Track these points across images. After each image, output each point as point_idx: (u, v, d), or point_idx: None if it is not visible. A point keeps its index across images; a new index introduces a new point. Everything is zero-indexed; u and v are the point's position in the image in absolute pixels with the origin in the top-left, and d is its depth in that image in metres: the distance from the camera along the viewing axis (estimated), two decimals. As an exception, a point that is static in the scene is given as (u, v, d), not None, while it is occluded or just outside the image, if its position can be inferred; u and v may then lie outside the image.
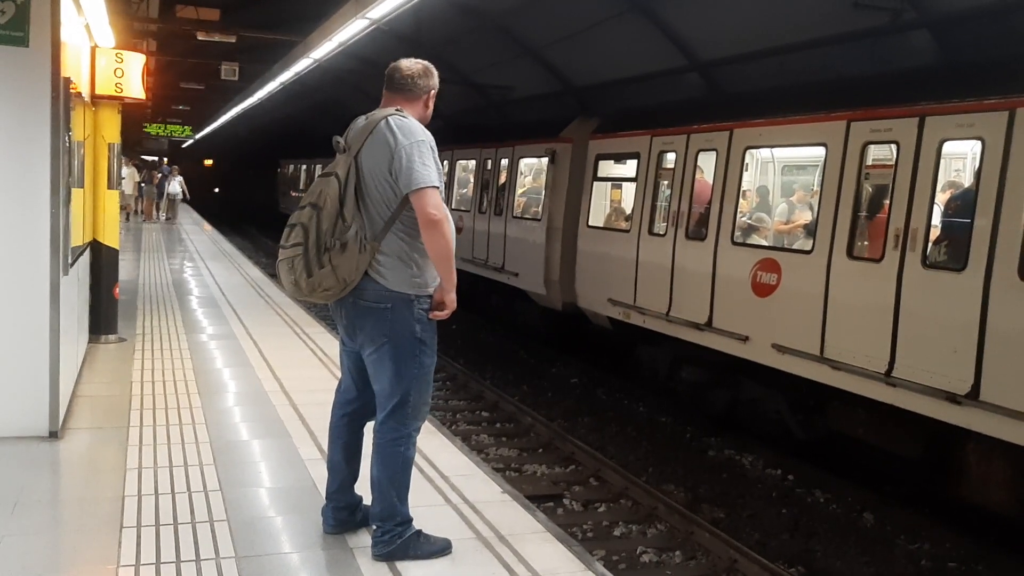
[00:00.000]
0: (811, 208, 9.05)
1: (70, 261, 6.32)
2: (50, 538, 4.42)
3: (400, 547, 4.13)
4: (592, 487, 8.87)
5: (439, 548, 4.24)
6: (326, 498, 4.41)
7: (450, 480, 5.35)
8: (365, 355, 4.14)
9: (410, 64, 4.22)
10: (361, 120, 4.14)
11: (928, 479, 8.31)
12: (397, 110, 4.08)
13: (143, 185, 30.01)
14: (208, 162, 60.53)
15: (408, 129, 3.97)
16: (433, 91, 4.25)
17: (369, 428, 4.30)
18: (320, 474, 4.29)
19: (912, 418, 7.37)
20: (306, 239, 3.93)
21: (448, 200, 17.69)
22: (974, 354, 6.72)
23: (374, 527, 4.18)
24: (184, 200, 31.69)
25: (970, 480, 7.43)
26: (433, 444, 6.10)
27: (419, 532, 4.22)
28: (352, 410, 4.32)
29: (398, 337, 4.02)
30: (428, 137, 4.01)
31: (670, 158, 10.90)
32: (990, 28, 8.32)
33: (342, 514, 4.38)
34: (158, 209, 30.17)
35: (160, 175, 31.27)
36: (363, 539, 4.34)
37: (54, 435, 5.79)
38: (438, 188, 3.95)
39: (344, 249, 3.90)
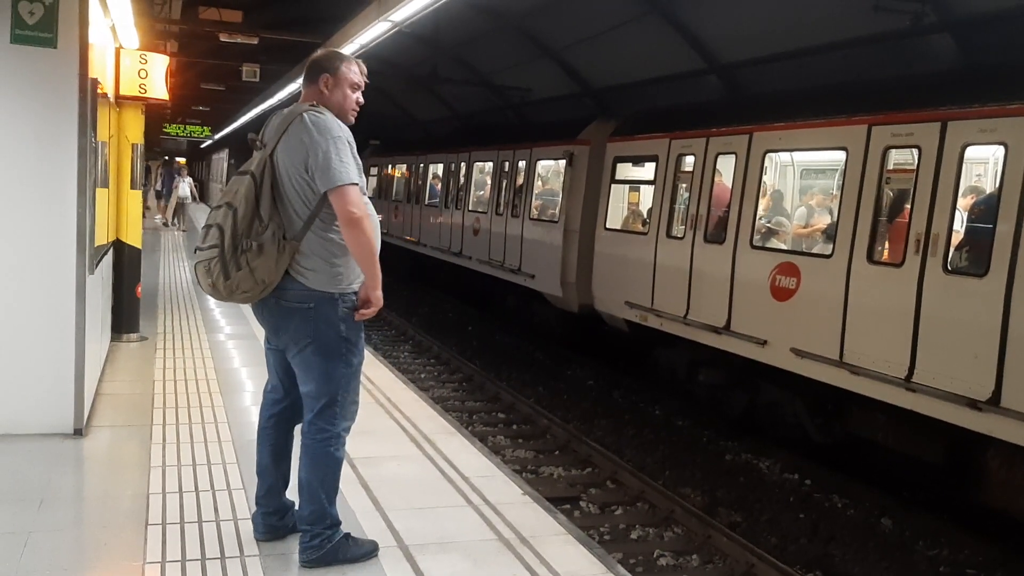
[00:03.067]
0: (831, 212, 9.03)
1: (95, 260, 6.38)
2: (76, 534, 4.47)
3: (330, 552, 4.03)
4: (609, 490, 8.88)
5: (367, 551, 4.17)
6: (256, 503, 4.32)
7: (470, 481, 5.37)
8: (289, 356, 4.05)
9: (318, 53, 4.16)
10: (277, 117, 4.04)
11: (947, 485, 8.28)
12: (312, 105, 3.97)
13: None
14: None
15: (323, 125, 3.84)
16: (325, 76, 4.02)
17: (298, 430, 4.19)
18: (344, 473, 4.30)
19: (933, 424, 7.35)
20: (222, 240, 3.82)
21: (465, 201, 17.82)
22: (995, 360, 6.69)
23: (302, 531, 4.07)
24: (194, 201, 30.17)
25: (991, 486, 7.40)
26: (453, 445, 6.13)
27: (348, 535, 4.14)
28: (280, 410, 4.23)
29: (323, 337, 3.93)
30: (344, 132, 3.90)
31: (689, 161, 10.89)
32: (1013, 32, 8.29)
33: (272, 519, 4.30)
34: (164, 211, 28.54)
35: (163, 176, 29.26)
36: (389, 539, 4.37)
37: (79, 432, 5.85)
38: (357, 184, 3.84)
39: (261, 251, 3.80)
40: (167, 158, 38.06)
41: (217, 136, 41.37)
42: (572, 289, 13.27)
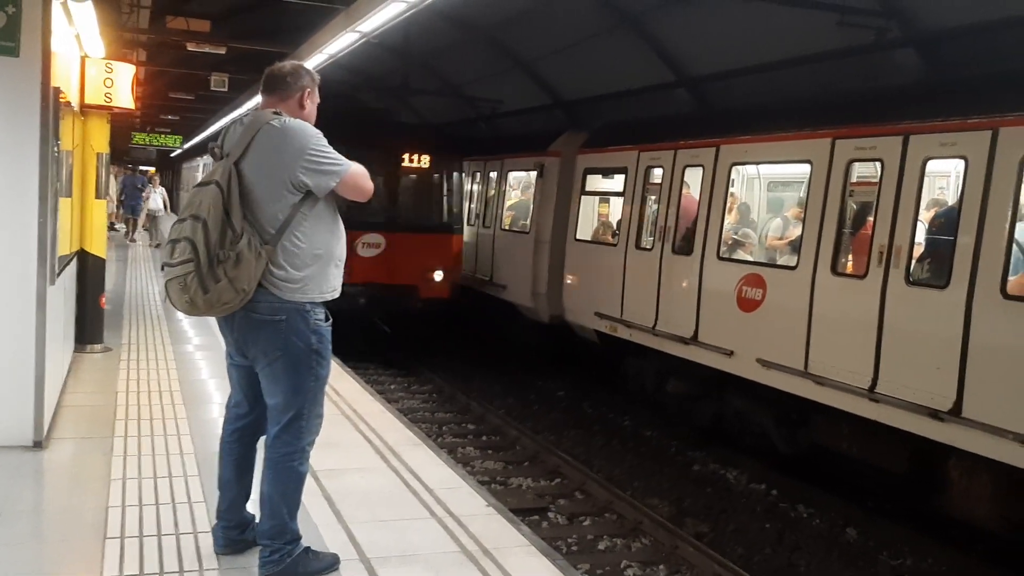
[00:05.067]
0: (796, 224, 9.11)
1: (57, 270, 6.31)
2: (34, 548, 4.41)
3: (290, 566, 3.98)
4: (577, 500, 8.88)
5: (327, 564, 4.14)
6: (216, 517, 4.29)
7: (435, 493, 5.35)
8: (259, 368, 3.99)
9: (282, 65, 4.13)
10: (238, 126, 4.00)
11: (911, 494, 8.36)
12: (275, 113, 3.94)
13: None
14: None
15: (295, 131, 3.86)
16: (307, 90, 4.07)
17: (261, 443, 4.15)
18: (307, 486, 4.27)
19: (896, 433, 7.43)
20: (196, 254, 3.73)
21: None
22: (956, 371, 6.78)
23: (262, 545, 4.02)
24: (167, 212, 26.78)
25: (953, 495, 7.48)
26: (418, 456, 6.11)
27: (308, 549, 4.09)
28: (244, 425, 4.18)
29: (294, 349, 3.89)
30: (315, 130, 3.96)
31: (657, 173, 10.96)
32: (974, 47, 8.43)
33: (232, 533, 4.25)
34: (132, 227, 25.62)
35: (124, 186, 25.81)
36: (351, 552, 4.35)
37: (38, 445, 5.77)
38: (347, 168, 3.92)
39: (239, 260, 3.73)
40: (130, 166, 36.50)
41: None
42: (543, 300, 13.30)
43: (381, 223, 13.41)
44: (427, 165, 14.38)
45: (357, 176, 3.96)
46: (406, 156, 14.11)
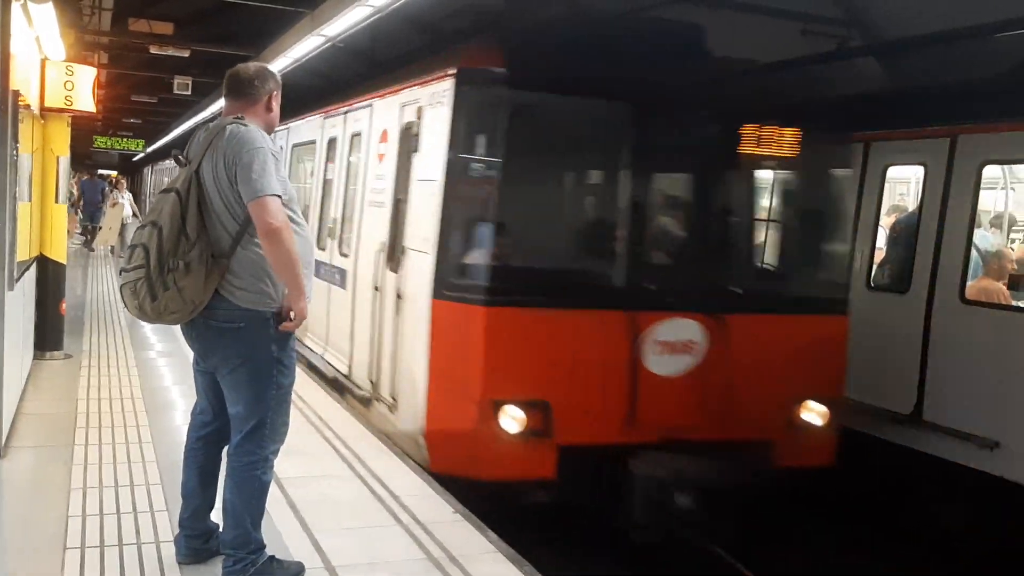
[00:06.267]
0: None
1: (16, 276, 6.21)
2: (-9, 560, 4.33)
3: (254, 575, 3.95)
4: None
5: (292, 573, 4.10)
6: (179, 526, 4.24)
7: (401, 500, 5.33)
8: (220, 376, 3.97)
9: (246, 68, 4.08)
10: (202, 132, 3.98)
11: (874, 499, 8.44)
12: (236, 118, 3.90)
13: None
14: None
15: (247, 137, 3.79)
16: (274, 92, 4.06)
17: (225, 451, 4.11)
18: (272, 494, 4.23)
19: (858, 437, 7.49)
20: (147, 260, 3.70)
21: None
22: (916, 375, 6.88)
23: (226, 555, 3.98)
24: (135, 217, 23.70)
25: (914, 500, 7.57)
26: (385, 464, 6.08)
27: (272, 557, 4.05)
28: (208, 433, 4.14)
29: (254, 357, 3.85)
30: (267, 144, 3.84)
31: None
32: (933, 56, 8.54)
33: (195, 543, 4.20)
34: (91, 234, 23.48)
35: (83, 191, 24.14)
36: (316, 560, 4.32)
37: (-4, 454, 5.68)
38: (278, 196, 3.74)
39: (188, 270, 3.69)
40: (89, 171, 34.70)
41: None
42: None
43: (695, 296, 5.93)
44: (795, 153, 6.66)
45: (269, 207, 3.68)
46: (747, 134, 6.60)
